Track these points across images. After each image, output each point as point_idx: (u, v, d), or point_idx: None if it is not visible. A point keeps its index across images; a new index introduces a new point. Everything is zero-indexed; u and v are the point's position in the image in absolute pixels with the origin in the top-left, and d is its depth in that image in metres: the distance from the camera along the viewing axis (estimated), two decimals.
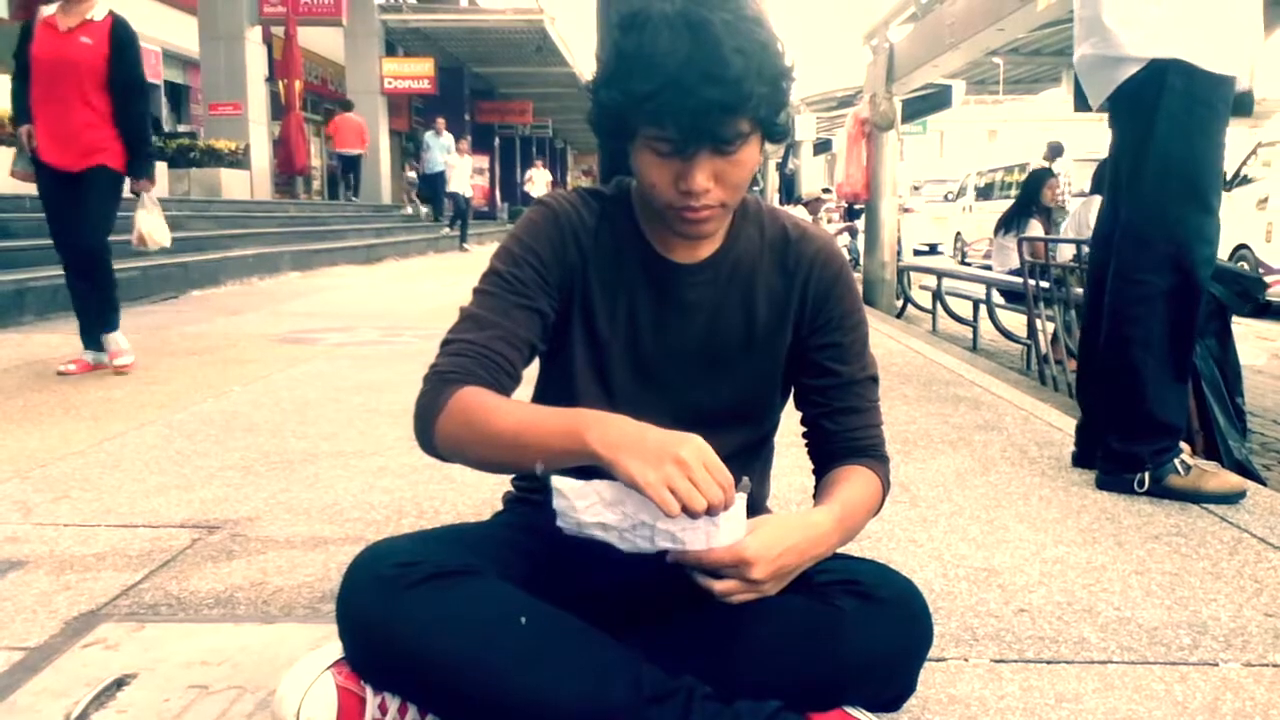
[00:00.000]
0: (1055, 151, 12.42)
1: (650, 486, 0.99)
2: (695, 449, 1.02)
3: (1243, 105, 2.55)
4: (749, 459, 1.40)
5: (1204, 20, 2.37)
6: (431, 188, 18.11)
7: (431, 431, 1.19)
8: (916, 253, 18.99)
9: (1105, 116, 2.61)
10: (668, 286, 1.31)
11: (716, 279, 1.32)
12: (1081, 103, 2.80)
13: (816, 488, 1.34)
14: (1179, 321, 2.47)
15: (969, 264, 15.53)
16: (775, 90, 1.14)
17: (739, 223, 1.33)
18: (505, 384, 1.23)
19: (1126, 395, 2.52)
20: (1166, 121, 2.39)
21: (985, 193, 18.19)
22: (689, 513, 1.00)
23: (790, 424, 1.44)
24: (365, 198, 18.53)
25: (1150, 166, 2.44)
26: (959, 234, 19.25)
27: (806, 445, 1.40)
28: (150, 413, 3.35)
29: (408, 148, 21.95)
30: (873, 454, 1.35)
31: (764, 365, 1.35)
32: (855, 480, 1.29)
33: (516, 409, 1.17)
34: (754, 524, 1.10)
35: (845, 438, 1.35)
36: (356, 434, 3.09)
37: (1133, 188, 2.49)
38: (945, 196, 21.42)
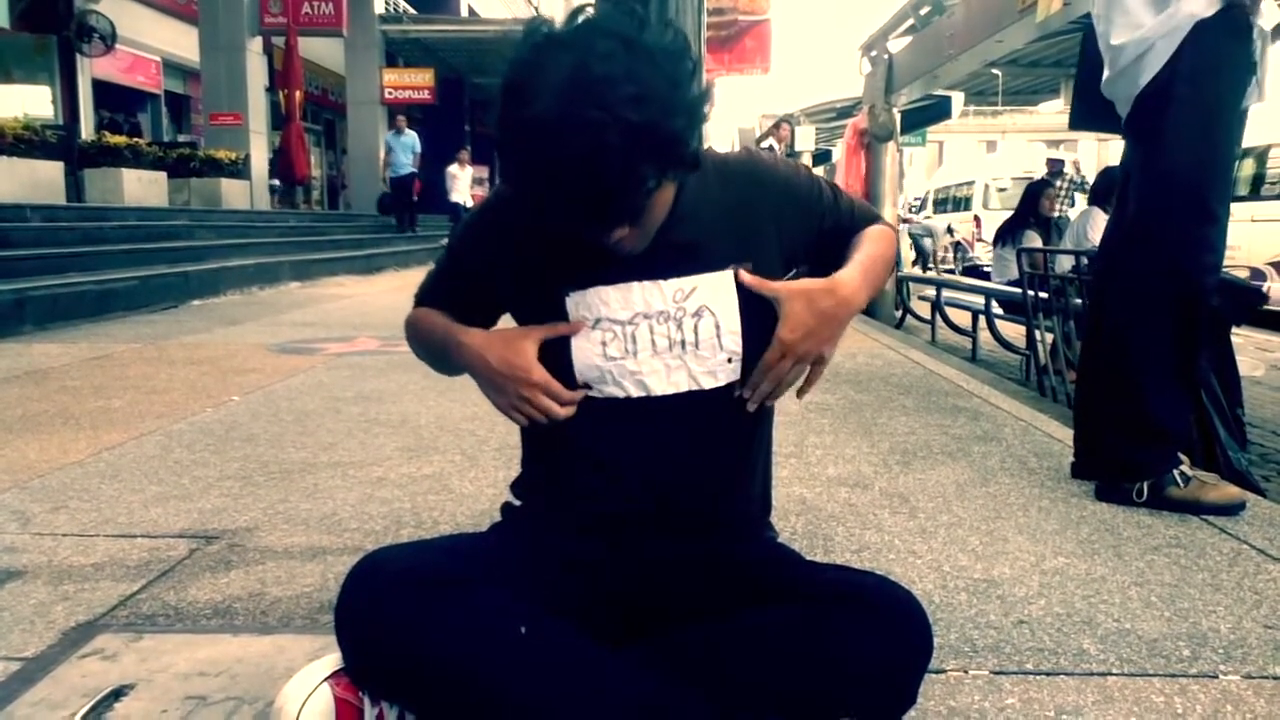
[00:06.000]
0: (1056, 168, 12.50)
1: (499, 409, 1.31)
2: (533, 385, 1.26)
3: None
4: (742, 422, 1.36)
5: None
6: (398, 193, 16.60)
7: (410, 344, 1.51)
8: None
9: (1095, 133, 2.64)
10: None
11: (665, 228, 1.26)
12: (1076, 120, 2.82)
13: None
14: (1182, 329, 2.48)
15: (931, 268, 17.52)
16: (671, 148, 1.10)
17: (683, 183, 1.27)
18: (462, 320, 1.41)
19: (1128, 402, 2.52)
20: (1173, 132, 2.40)
21: (941, 205, 21.60)
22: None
23: (787, 435, 1.44)
24: (363, 208, 18.61)
25: (1156, 175, 2.46)
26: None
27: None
28: (149, 422, 3.35)
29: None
30: (871, 221, 1.46)
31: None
32: (868, 236, 1.41)
33: (431, 324, 1.41)
34: (784, 291, 1.26)
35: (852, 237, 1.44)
36: (355, 444, 3.09)
37: (1139, 196, 2.50)
38: (909, 209, 24.01)
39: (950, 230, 19.32)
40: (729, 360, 1.29)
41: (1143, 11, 2.44)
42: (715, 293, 1.28)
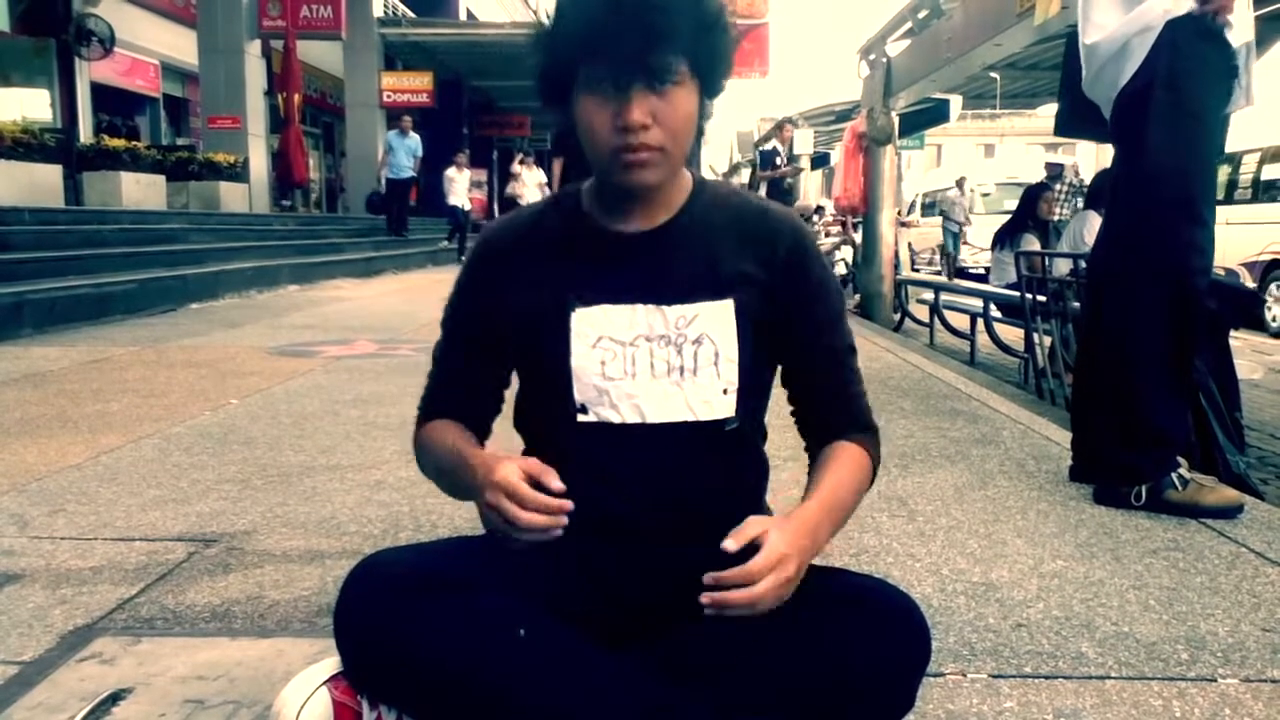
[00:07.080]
0: (1055, 171, 12.52)
1: (481, 514, 1.20)
2: (494, 486, 1.13)
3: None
4: (723, 457, 1.35)
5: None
6: (394, 195, 15.97)
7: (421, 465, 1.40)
8: None
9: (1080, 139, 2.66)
10: (612, 255, 1.29)
11: (668, 246, 1.29)
12: (1061, 126, 2.83)
13: (810, 468, 1.36)
14: (1176, 333, 2.48)
15: (917, 269, 17.82)
16: (708, 34, 1.17)
17: (693, 196, 1.32)
18: (472, 410, 1.39)
19: (1125, 406, 2.53)
20: (1156, 135, 2.41)
21: (929, 209, 22.03)
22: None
23: (785, 439, 1.44)
24: (361, 211, 18.59)
25: (1140, 180, 2.47)
26: (910, 245, 21.93)
27: (795, 422, 1.40)
28: (147, 426, 3.35)
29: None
30: (860, 424, 1.38)
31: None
32: (843, 461, 1.33)
33: (443, 448, 1.31)
34: (763, 526, 1.14)
35: (832, 408, 1.37)
36: (354, 447, 3.09)
37: (1127, 201, 2.51)
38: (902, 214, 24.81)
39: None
40: (725, 391, 1.29)
41: (1110, 11, 2.45)
42: (716, 321, 1.28)
